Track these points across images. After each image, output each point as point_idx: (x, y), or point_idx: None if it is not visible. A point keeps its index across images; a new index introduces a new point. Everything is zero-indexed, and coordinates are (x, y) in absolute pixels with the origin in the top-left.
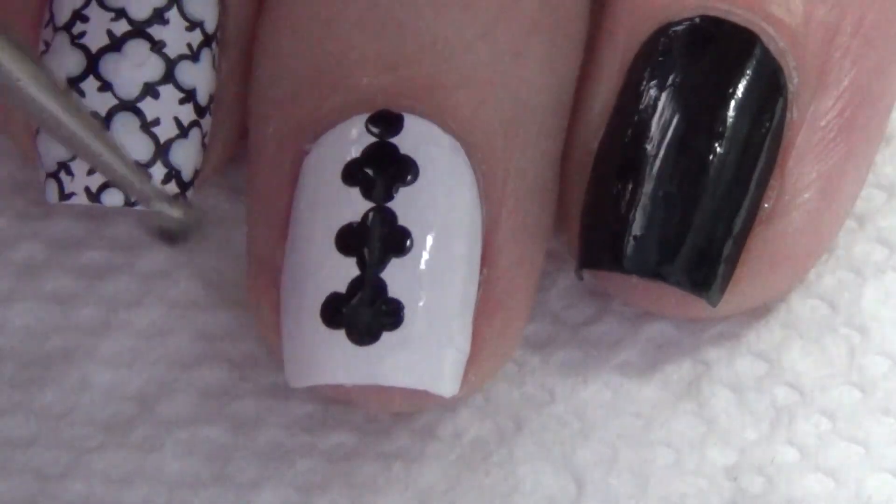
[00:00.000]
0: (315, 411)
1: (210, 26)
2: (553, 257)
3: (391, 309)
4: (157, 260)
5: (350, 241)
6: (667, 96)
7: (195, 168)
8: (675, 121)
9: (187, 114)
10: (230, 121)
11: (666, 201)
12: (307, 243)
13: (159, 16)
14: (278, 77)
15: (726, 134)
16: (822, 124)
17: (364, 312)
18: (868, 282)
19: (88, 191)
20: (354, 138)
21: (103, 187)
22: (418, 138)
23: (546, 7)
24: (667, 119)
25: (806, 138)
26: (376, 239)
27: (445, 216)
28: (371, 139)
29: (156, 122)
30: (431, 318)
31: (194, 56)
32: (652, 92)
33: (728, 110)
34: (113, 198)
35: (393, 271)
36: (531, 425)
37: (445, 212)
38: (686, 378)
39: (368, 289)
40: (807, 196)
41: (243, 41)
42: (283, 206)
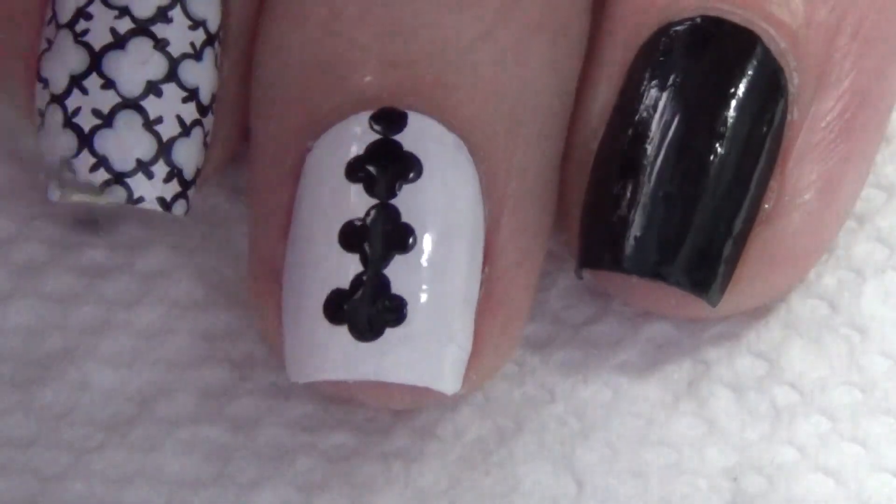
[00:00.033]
0: (315, 411)
1: (213, 26)
2: (553, 257)
3: (394, 305)
4: (157, 260)
5: (353, 238)
6: (667, 96)
7: (197, 167)
8: (676, 121)
9: (190, 112)
10: (231, 120)
11: (666, 201)
12: (310, 240)
13: (163, 14)
14: (280, 75)
15: (727, 134)
16: (823, 125)
17: (367, 309)
18: (868, 282)
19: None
20: (358, 135)
21: (105, 184)
22: (421, 136)
23: (547, 8)
24: (667, 119)
25: (806, 139)
26: (379, 235)
27: (448, 214)
28: (374, 136)
29: (158, 121)
30: (434, 315)
31: (197, 55)
32: (652, 92)
33: (728, 111)
34: (115, 195)
35: (396, 268)
36: (531, 425)
37: (448, 209)
38: (686, 378)
39: (371, 285)
40: (807, 197)
41: (245, 41)
42: (286, 203)
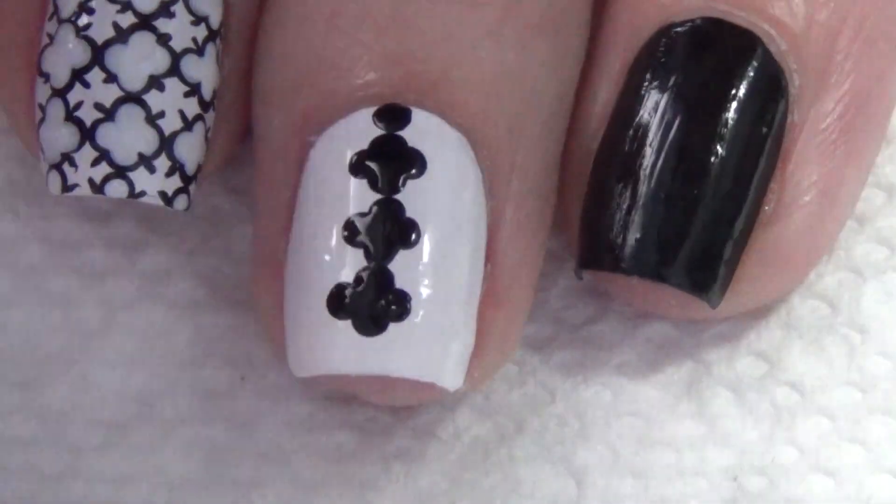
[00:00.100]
0: (315, 411)
1: (215, 21)
2: (553, 257)
3: (398, 300)
4: (157, 260)
5: (357, 233)
6: (667, 97)
7: (198, 162)
8: (676, 122)
9: (192, 108)
10: (233, 117)
11: (666, 202)
12: (314, 234)
13: (165, 9)
14: (283, 70)
15: (727, 136)
16: (823, 126)
17: (371, 303)
18: (868, 282)
19: (92, 182)
20: (362, 130)
21: (107, 178)
22: (425, 132)
23: (550, 8)
24: (667, 120)
25: (807, 140)
26: (383, 230)
27: (452, 210)
28: (378, 132)
29: (160, 115)
30: (437, 310)
31: (199, 50)
32: (653, 93)
33: (729, 112)
34: (116, 189)
35: (399, 263)
36: (531, 425)
37: (452, 205)
38: (686, 378)
39: (375, 280)
40: (807, 198)
41: (246, 38)
42: (289, 198)
